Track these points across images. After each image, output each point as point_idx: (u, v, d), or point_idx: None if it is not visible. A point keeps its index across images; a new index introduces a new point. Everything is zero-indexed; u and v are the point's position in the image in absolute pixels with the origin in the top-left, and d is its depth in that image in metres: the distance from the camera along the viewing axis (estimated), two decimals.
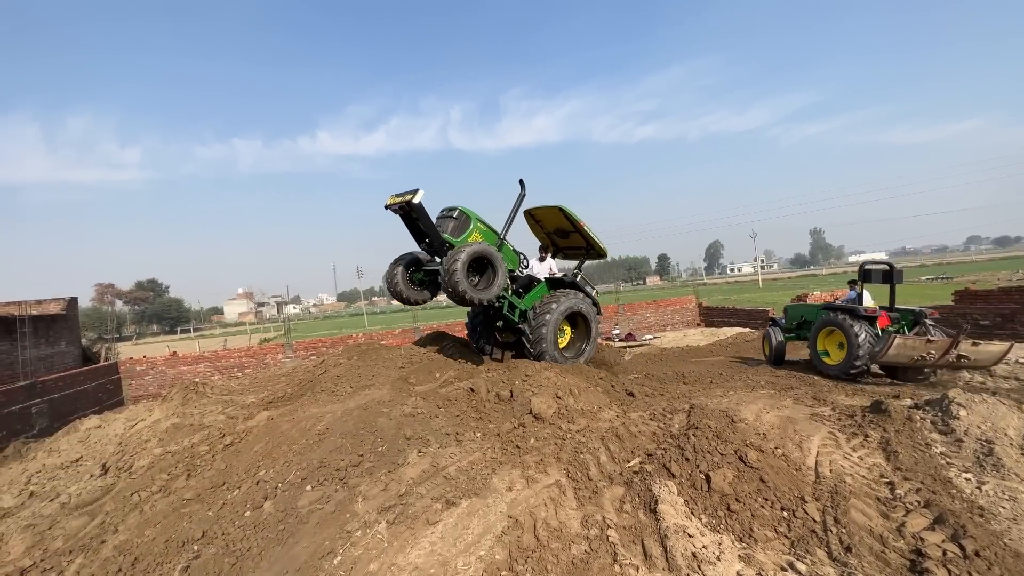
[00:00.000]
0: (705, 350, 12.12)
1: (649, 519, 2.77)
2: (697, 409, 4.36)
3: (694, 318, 20.36)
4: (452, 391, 5.08)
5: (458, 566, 2.47)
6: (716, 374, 8.31)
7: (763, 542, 2.69)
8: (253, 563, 2.74)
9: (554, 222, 8.03)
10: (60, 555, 3.15)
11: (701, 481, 3.08)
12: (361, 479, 3.41)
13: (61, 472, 5.20)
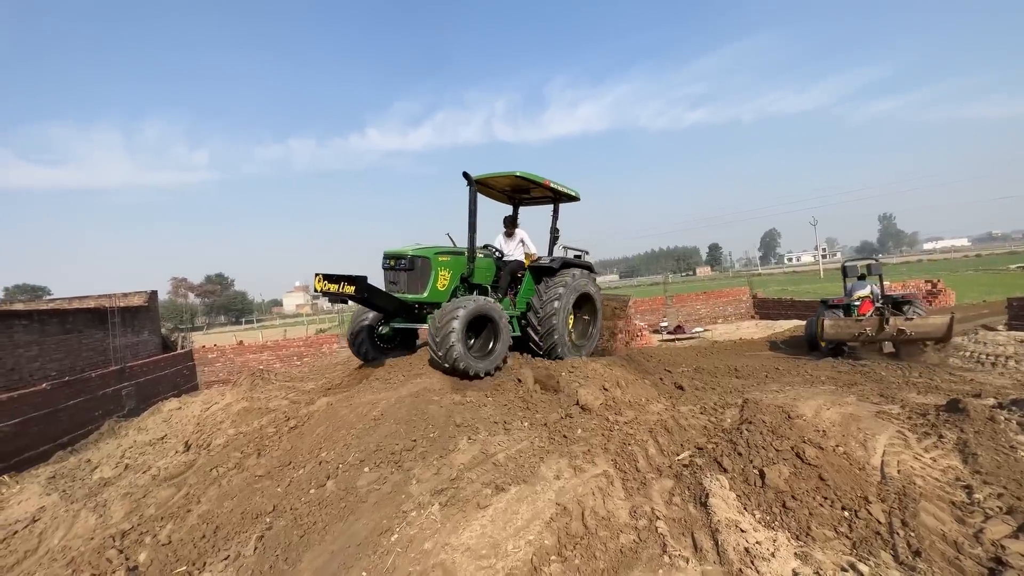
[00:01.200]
0: (760, 343, 11.63)
1: (699, 512, 2.74)
2: (751, 404, 4.22)
3: (748, 310, 19.52)
4: (499, 381, 5.19)
5: (508, 548, 2.55)
6: (771, 368, 7.97)
7: (822, 541, 2.60)
8: (319, 536, 2.95)
9: (510, 183, 6.78)
10: (153, 521, 3.52)
11: (755, 477, 3.00)
12: (415, 463, 3.57)
13: (149, 448, 5.76)
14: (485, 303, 5.22)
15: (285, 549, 2.86)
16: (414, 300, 5.46)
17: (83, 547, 3.37)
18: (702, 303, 19.38)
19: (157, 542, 3.23)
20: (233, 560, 2.83)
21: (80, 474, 5.38)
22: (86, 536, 3.54)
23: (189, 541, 3.17)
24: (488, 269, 6.32)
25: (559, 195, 6.89)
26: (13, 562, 3.42)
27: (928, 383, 6.50)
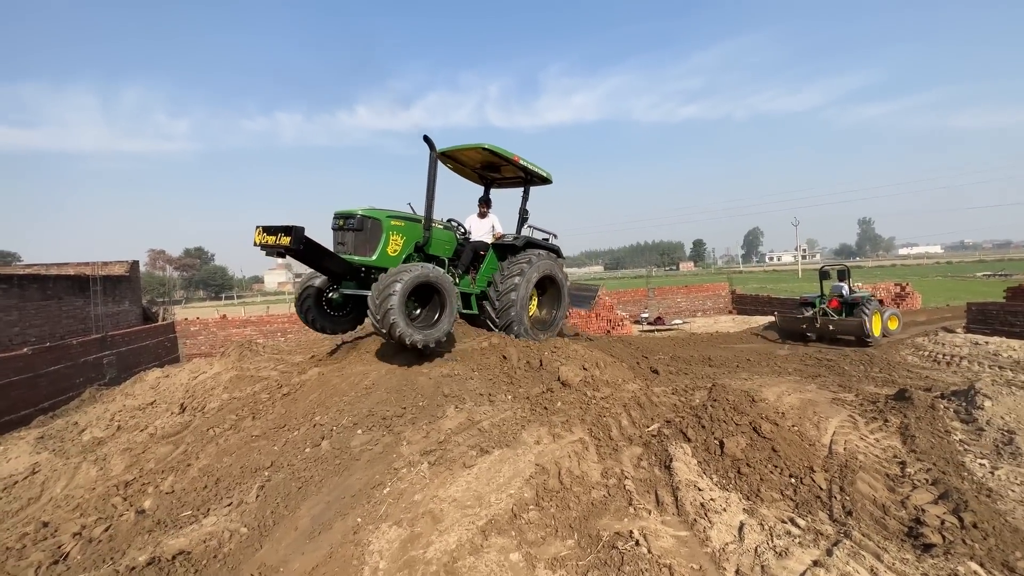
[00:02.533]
0: (735, 337, 12.12)
1: (663, 474, 3.06)
2: (719, 387, 4.57)
3: (726, 305, 20.12)
4: (485, 359, 5.44)
5: (491, 500, 2.83)
6: (743, 360, 8.42)
7: (769, 502, 2.94)
8: (316, 488, 3.19)
9: (480, 159, 6.49)
10: (154, 473, 3.71)
11: (715, 446, 3.33)
12: (405, 427, 3.82)
13: (139, 412, 5.89)
14: (433, 271, 4.78)
15: (284, 498, 3.09)
16: (361, 263, 4.99)
17: (87, 495, 3.56)
18: (683, 297, 19.91)
19: (160, 491, 3.44)
20: (236, 506, 3.06)
21: (69, 435, 5.49)
22: (88, 486, 3.72)
23: (192, 490, 3.38)
24: (448, 242, 5.95)
25: (530, 176, 6.61)
26: (18, 507, 3.59)
27: (886, 377, 7.00)
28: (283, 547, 2.71)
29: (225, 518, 2.93)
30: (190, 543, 2.68)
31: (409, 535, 2.62)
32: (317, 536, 2.76)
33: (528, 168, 6.39)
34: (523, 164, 6.30)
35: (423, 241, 5.48)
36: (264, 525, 2.89)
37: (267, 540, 2.76)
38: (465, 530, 2.59)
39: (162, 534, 2.87)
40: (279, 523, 2.90)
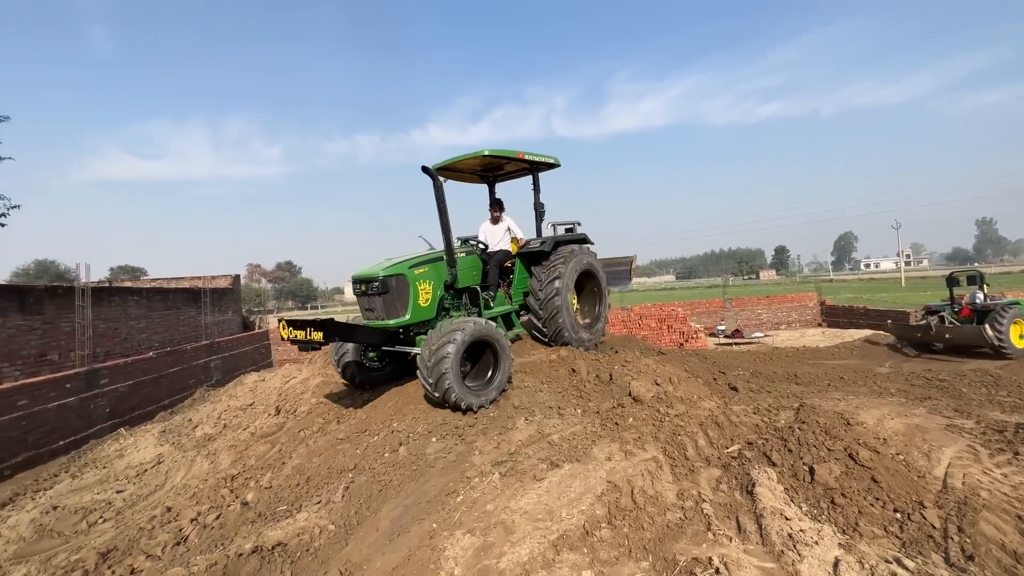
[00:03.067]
0: (825, 352, 11.13)
1: (745, 499, 2.88)
2: (807, 408, 4.24)
3: (814, 317, 18.56)
4: (554, 372, 5.45)
5: (562, 515, 2.83)
6: (836, 377, 7.70)
7: (869, 538, 2.67)
8: (394, 492, 3.37)
9: (479, 163, 6.08)
10: (255, 469, 4.11)
11: (804, 472, 3.09)
12: (476, 437, 3.92)
13: (241, 412, 6.53)
14: (485, 327, 4.54)
15: (367, 499, 3.29)
16: (397, 325, 4.76)
17: (201, 485, 4.02)
18: (764, 307, 18.62)
19: (260, 486, 3.80)
20: (324, 504, 3.31)
21: (185, 431, 6.21)
22: (202, 477, 4.19)
23: (286, 487, 3.70)
24: (474, 267, 5.61)
25: (537, 164, 6.18)
26: (148, 492, 4.13)
27: (1016, 403, 6.07)
28: (366, 546, 2.89)
29: (315, 515, 3.17)
30: (286, 536, 2.94)
31: (482, 544, 2.69)
32: (396, 538, 2.91)
33: (531, 159, 5.96)
34: (528, 158, 5.89)
35: (451, 279, 5.16)
36: (349, 524, 3.09)
37: (352, 538, 2.96)
38: (537, 543, 2.61)
39: (263, 525, 3.17)
40: (362, 523, 3.10)
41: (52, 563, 3.12)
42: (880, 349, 11.18)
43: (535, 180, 6.41)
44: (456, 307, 5.43)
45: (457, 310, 5.41)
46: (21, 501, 4.73)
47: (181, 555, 3.05)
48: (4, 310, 8.96)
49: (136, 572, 2.94)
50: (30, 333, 9.42)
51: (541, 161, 6.11)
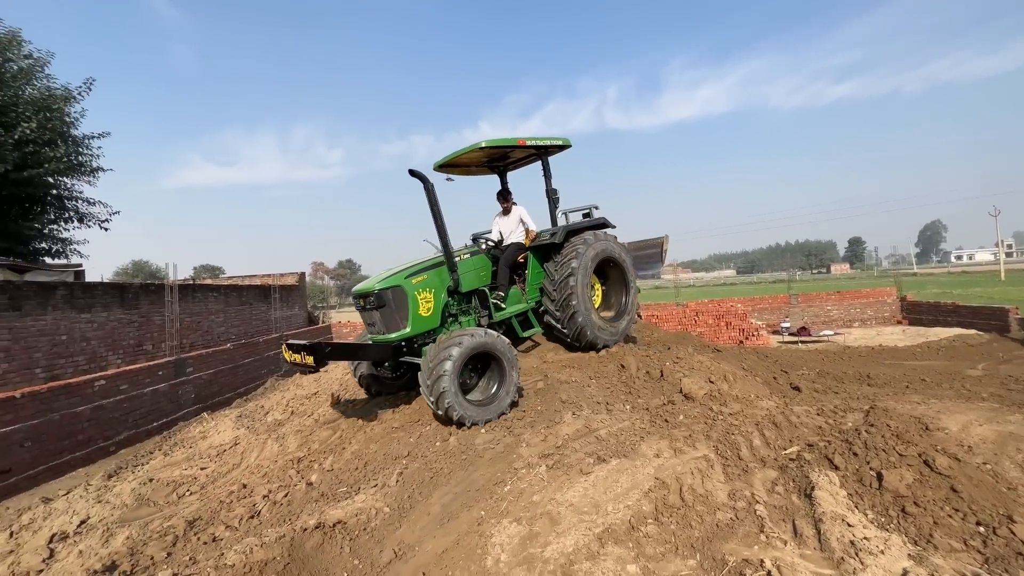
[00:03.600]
0: (905, 352, 10.22)
1: (803, 503, 2.75)
2: (879, 410, 3.95)
3: (893, 314, 17.11)
4: (603, 367, 5.41)
5: (608, 509, 2.83)
6: (916, 379, 7.06)
7: (945, 551, 2.47)
8: (445, 479, 3.50)
9: (484, 155, 5.72)
10: (318, 453, 4.41)
11: (870, 478, 2.89)
12: (524, 430, 3.99)
13: (307, 400, 7.00)
14: (485, 339, 4.31)
15: (419, 485, 3.45)
16: (398, 339, 4.59)
17: (272, 466, 4.37)
18: (834, 304, 17.38)
19: (323, 468, 4.08)
20: (380, 488, 3.50)
21: (258, 416, 6.74)
22: (272, 458, 4.56)
23: (346, 470, 3.95)
24: (482, 268, 5.31)
25: (545, 148, 5.78)
26: (227, 470, 4.55)
27: None
28: (418, 528, 3.03)
29: (372, 497, 3.37)
30: (345, 515, 3.15)
31: (528, 533, 2.75)
32: (446, 523, 3.04)
33: (537, 144, 5.57)
34: (531, 143, 5.48)
35: (453, 284, 4.92)
36: (403, 507, 3.26)
37: (405, 521, 3.12)
38: (582, 535, 2.63)
39: (325, 504, 3.41)
40: (415, 507, 3.25)
41: (149, 528, 3.53)
42: (972, 350, 10.11)
43: (545, 165, 5.98)
44: (465, 312, 5.17)
45: (467, 315, 5.15)
46: (123, 474, 5.35)
47: (255, 527, 3.35)
48: (108, 305, 10.10)
49: (217, 540, 3.26)
50: (129, 325, 10.56)
51: (549, 144, 5.71)
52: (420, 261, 4.93)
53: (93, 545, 3.40)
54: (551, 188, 5.99)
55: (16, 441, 6.66)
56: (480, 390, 4.59)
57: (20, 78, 9.98)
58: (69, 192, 10.95)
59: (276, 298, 16.89)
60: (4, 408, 6.61)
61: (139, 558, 3.06)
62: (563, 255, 5.40)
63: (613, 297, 6.18)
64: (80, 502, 4.25)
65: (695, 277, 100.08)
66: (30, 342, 8.40)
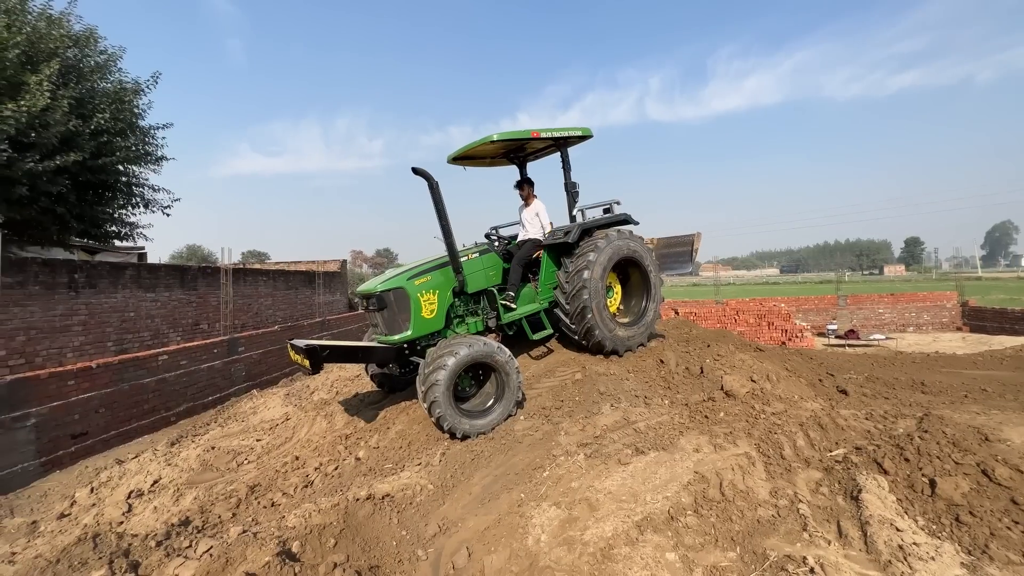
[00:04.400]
0: (964, 360, 9.63)
1: (849, 505, 2.71)
2: (933, 417, 3.81)
3: (953, 320, 16.13)
4: (641, 361, 5.40)
5: (647, 499, 2.88)
6: (975, 389, 6.68)
7: (1001, 563, 2.39)
8: (485, 462, 3.63)
9: (501, 146, 5.48)
10: (364, 431, 4.64)
11: (923, 484, 2.82)
12: (563, 419, 4.07)
13: (350, 382, 7.31)
14: (482, 350, 4.17)
15: (461, 466, 3.60)
16: (401, 341, 4.51)
17: (321, 441, 4.63)
18: (887, 307, 16.54)
19: (369, 446, 4.29)
20: (424, 466, 3.67)
21: (304, 395, 7.10)
22: (321, 434, 4.83)
23: (391, 448, 4.15)
24: (491, 268, 5.12)
25: (564, 139, 5.50)
26: (281, 442, 4.86)
27: None
28: (460, 506, 3.17)
29: (417, 474, 3.54)
30: (392, 489, 3.33)
31: (567, 516, 2.83)
32: (487, 503, 3.16)
33: (553, 135, 5.31)
34: (546, 136, 5.23)
35: (459, 285, 4.77)
36: (445, 485, 3.41)
37: (448, 498, 3.26)
38: (621, 522, 2.70)
39: (373, 478, 3.61)
40: (457, 486, 3.40)
41: (214, 491, 3.84)
42: None
43: (564, 157, 5.71)
44: (473, 313, 5.06)
45: (474, 316, 5.05)
46: (185, 442, 5.79)
47: (309, 495, 3.59)
48: (170, 285, 10.81)
49: (276, 504, 3.52)
50: (187, 305, 11.27)
51: (567, 136, 5.43)
52: (425, 261, 4.85)
53: (165, 503, 3.74)
54: (570, 181, 5.73)
55: (92, 407, 7.29)
56: (479, 398, 4.48)
57: (96, 72, 10.71)
58: (136, 179, 11.71)
59: (320, 284, 17.57)
60: (83, 376, 7.24)
61: (208, 516, 3.36)
62: (580, 252, 5.16)
63: (631, 300, 5.86)
64: (152, 464, 4.65)
65: (735, 275, 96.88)
66: (103, 317, 9.12)
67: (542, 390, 4.80)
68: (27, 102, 8.28)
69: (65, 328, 8.40)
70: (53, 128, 8.81)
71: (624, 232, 5.51)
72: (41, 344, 8.00)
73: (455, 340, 4.30)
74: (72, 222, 10.37)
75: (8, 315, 7.46)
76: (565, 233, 5.29)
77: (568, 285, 5.07)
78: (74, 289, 8.58)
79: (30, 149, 8.67)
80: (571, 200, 5.78)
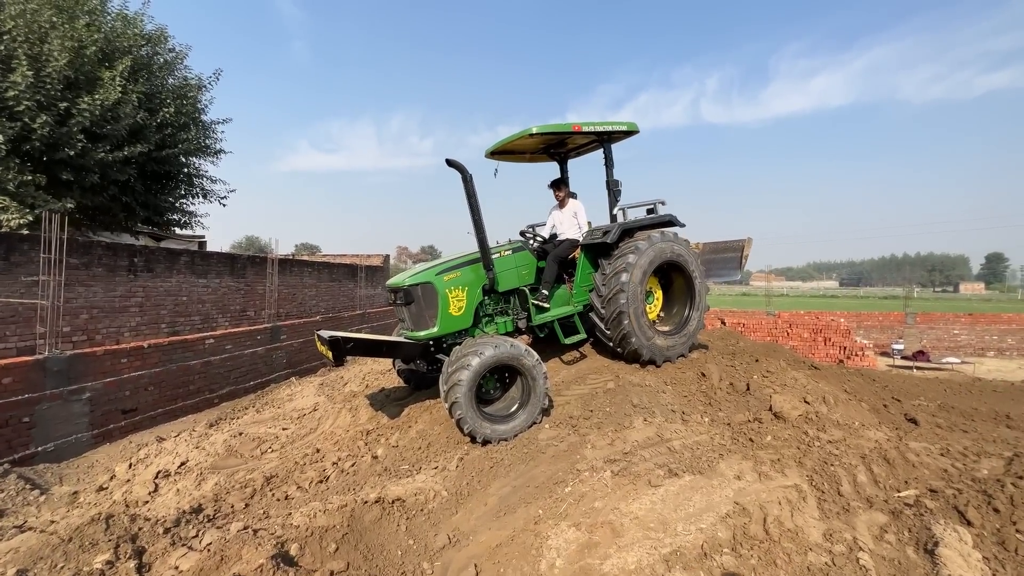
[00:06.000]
0: None
1: (922, 559, 2.30)
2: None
3: None
4: (680, 373, 5.03)
5: (678, 529, 2.57)
6: None
7: None
8: (504, 471, 3.43)
9: (539, 141, 5.24)
10: (386, 428, 4.55)
11: (1017, 543, 2.36)
12: (590, 431, 3.80)
13: (381, 376, 7.31)
14: (512, 349, 3.99)
15: (479, 473, 3.41)
16: (427, 337, 4.39)
17: (343, 435, 4.58)
18: (964, 328, 15.02)
19: (389, 444, 4.19)
20: (440, 471, 3.51)
21: (337, 385, 7.15)
22: (344, 427, 4.78)
23: (410, 448, 4.02)
24: (524, 266, 4.92)
25: (608, 134, 5.16)
26: (305, 432, 4.85)
27: None
28: (473, 518, 2.98)
29: (432, 479, 3.38)
30: (405, 492, 3.18)
31: (587, 541, 2.58)
32: (502, 516, 2.96)
33: (596, 130, 5.00)
34: (588, 130, 4.94)
35: (489, 282, 4.59)
36: (460, 494, 3.23)
37: (461, 507, 3.08)
38: (646, 553, 2.42)
39: (387, 479, 3.48)
40: (472, 495, 3.21)
41: (234, 478, 3.84)
42: None
43: (607, 153, 5.34)
44: (503, 312, 4.88)
45: (504, 315, 4.87)
46: (222, 424, 5.94)
47: (322, 491, 3.52)
48: (220, 272, 11.29)
49: (289, 498, 3.47)
50: (236, 292, 11.74)
51: (611, 130, 5.10)
52: (457, 257, 4.71)
53: (188, 486, 3.78)
54: (612, 179, 5.39)
55: (142, 385, 7.67)
56: (504, 402, 4.29)
57: (165, 69, 11.35)
58: (197, 171, 12.33)
59: (362, 277, 17.96)
60: (135, 355, 7.63)
61: (221, 504, 3.34)
62: (620, 253, 4.85)
63: (675, 308, 5.48)
64: (183, 445, 4.76)
65: (790, 286, 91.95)
66: (158, 300, 9.62)
67: (571, 397, 4.54)
68: (101, 96, 8.85)
69: (124, 309, 8.90)
70: (123, 121, 9.38)
71: (668, 234, 5.16)
72: (102, 323, 8.50)
73: (482, 340, 4.15)
74: (138, 209, 11.05)
75: (74, 294, 7.96)
76: (604, 233, 4.99)
77: (604, 288, 4.80)
78: (133, 272, 9.09)
79: (102, 140, 9.27)
80: (612, 199, 5.46)
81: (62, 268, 7.03)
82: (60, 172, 8.84)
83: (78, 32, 8.84)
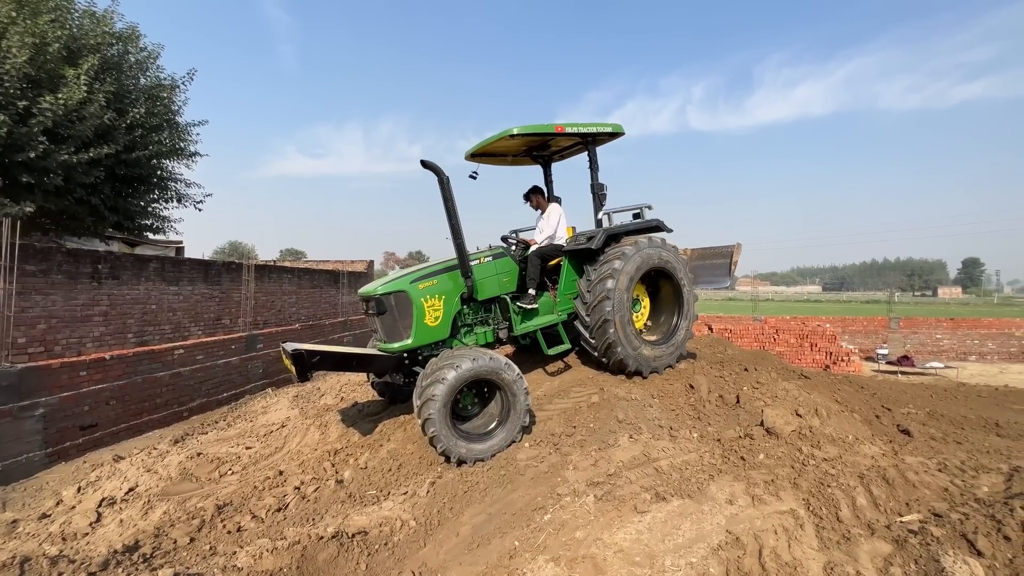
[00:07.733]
0: None
1: None
2: None
3: (1023, 349, 14.60)
4: (668, 386, 4.83)
5: (665, 563, 2.34)
6: None
7: None
8: (479, 496, 3.16)
9: (521, 143, 5.04)
10: (356, 446, 4.26)
11: None
12: (573, 449, 3.56)
13: (358, 388, 6.99)
14: (491, 363, 3.74)
15: (451, 499, 3.14)
16: (401, 349, 4.13)
17: (310, 454, 4.27)
18: (946, 332, 15.15)
19: (357, 465, 3.90)
20: (410, 497, 3.23)
21: (312, 398, 6.82)
22: (312, 446, 4.47)
23: (379, 471, 3.73)
24: (505, 273, 4.68)
25: (592, 136, 4.96)
26: (270, 452, 4.53)
27: None
28: (443, 551, 2.71)
29: (400, 506, 3.11)
30: (369, 523, 2.90)
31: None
32: (475, 549, 2.69)
33: (580, 131, 4.80)
34: (572, 131, 4.72)
35: (468, 291, 4.36)
36: (430, 523, 2.96)
37: (430, 540, 2.81)
38: None
39: (351, 507, 3.19)
40: (443, 524, 2.94)
41: (184, 506, 3.52)
42: None
43: (592, 156, 5.12)
44: (483, 322, 4.63)
45: (484, 325, 4.62)
46: (187, 440, 5.57)
47: (277, 523, 3.21)
48: (193, 279, 10.86)
49: (241, 530, 3.16)
50: (210, 300, 11.30)
51: (596, 132, 4.89)
52: (433, 264, 4.49)
53: (133, 515, 3.44)
54: (597, 183, 5.17)
55: (103, 399, 7.22)
56: (481, 419, 4.04)
57: (136, 69, 10.93)
58: (170, 174, 11.90)
59: (344, 283, 17.55)
60: (95, 368, 7.19)
61: (162, 540, 3.01)
62: (606, 258, 4.65)
63: (663, 316, 5.28)
64: (135, 468, 4.40)
65: (774, 291, 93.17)
66: (124, 309, 9.17)
67: (553, 412, 4.30)
68: (64, 95, 8.44)
69: (86, 318, 8.45)
70: (89, 121, 8.96)
71: (656, 240, 4.97)
72: (61, 333, 8.05)
73: (459, 351, 3.89)
74: (107, 213, 10.58)
75: (30, 303, 7.52)
76: (589, 238, 4.77)
77: (590, 295, 4.58)
78: (97, 280, 8.65)
79: (66, 141, 8.84)
80: (597, 203, 5.22)
81: (14, 275, 6.60)
82: (20, 174, 8.39)
83: (40, 28, 8.42)
